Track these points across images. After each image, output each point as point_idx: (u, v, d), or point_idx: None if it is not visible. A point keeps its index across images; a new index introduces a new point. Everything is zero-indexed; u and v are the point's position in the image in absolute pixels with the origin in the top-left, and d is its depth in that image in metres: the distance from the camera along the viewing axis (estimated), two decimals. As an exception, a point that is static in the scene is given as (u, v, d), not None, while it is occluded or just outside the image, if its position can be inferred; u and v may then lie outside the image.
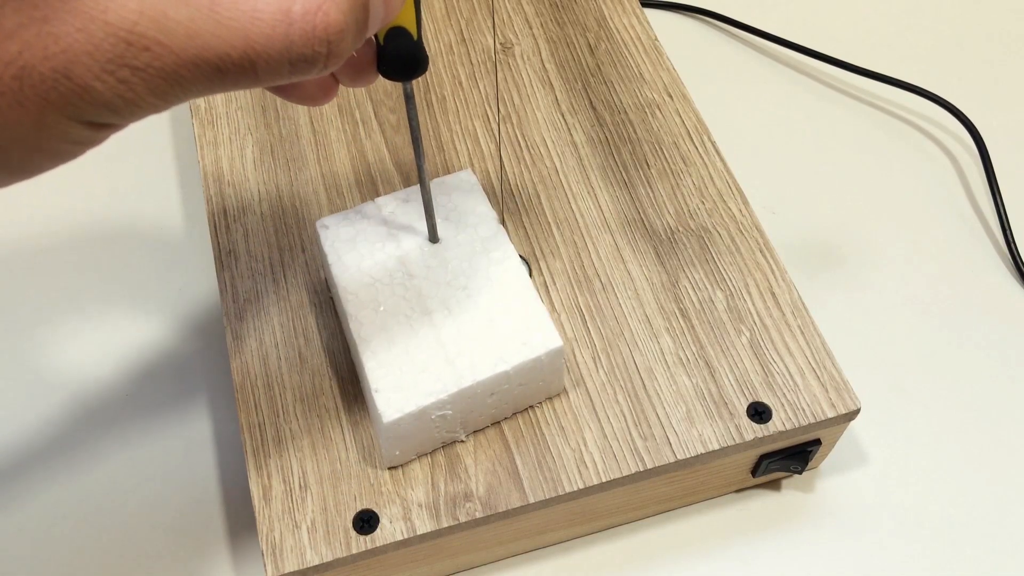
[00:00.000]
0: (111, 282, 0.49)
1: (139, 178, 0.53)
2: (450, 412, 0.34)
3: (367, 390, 0.35)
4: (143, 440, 0.43)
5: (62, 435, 0.44)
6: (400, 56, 0.29)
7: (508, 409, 0.36)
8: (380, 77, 0.30)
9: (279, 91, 0.30)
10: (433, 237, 0.37)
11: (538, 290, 0.40)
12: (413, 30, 0.29)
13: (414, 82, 0.40)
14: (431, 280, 0.36)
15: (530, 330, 0.35)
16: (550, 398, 0.37)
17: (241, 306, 0.40)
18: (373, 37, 0.29)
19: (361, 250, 0.37)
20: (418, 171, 0.35)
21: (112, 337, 0.46)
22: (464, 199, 0.39)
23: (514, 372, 0.34)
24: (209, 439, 0.43)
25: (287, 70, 0.23)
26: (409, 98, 0.32)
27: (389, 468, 0.36)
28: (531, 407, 0.37)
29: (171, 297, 0.48)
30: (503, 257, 0.37)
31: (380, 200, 0.39)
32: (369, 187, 0.44)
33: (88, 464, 0.43)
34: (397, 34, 0.29)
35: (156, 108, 0.23)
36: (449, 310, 0.36)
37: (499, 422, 0.37)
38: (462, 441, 0.36)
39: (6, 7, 0.20)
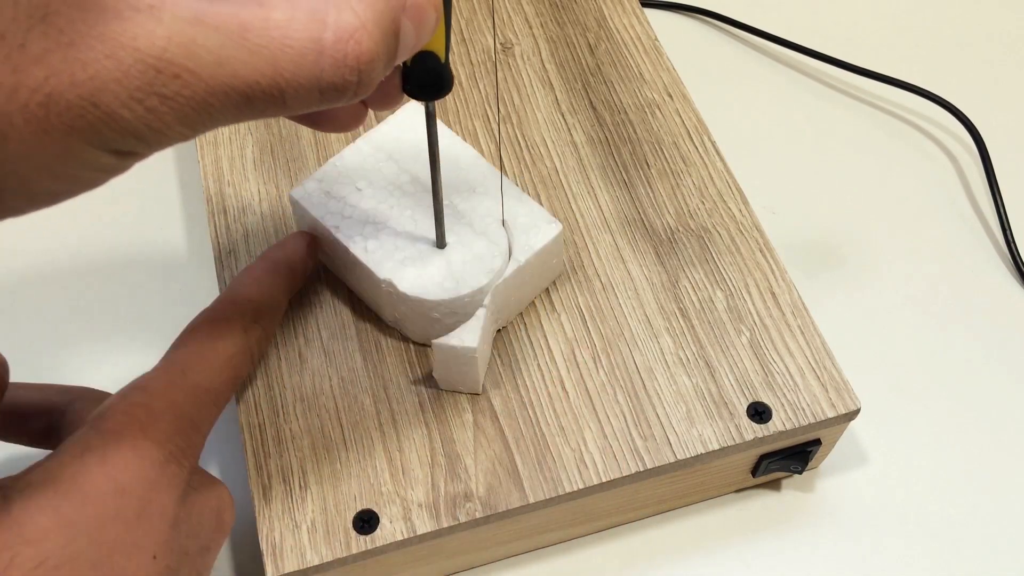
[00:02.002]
0: (110, 282, 0.49)
1: (139, 178, 0.53)
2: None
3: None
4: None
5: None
6: (426, 77, 0.29)
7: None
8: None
9: (307, 120, 0.29)
10: (441, 244, 0.37)
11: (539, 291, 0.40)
12: (441, 53, 0.28)
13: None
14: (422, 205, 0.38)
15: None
16: (566, 388, 0.37)
17: (241, 306, 0.40)
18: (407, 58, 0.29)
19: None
20: (432, 183, 0.35)
21: (110, 335, 0.46)
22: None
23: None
24: (209, 439, 0.43)
25: (316, 98, 0.23)
26: (431, 116, 0.32)
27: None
28: (532, 407, 0.37)
29: (171, 297, 0.48)
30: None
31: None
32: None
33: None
34: (424, 57, 0.28)
35: (183, 136, 0.22)
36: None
37: (502, 431, 0.37)
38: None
39: (32, 31, 0.20)
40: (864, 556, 0.40)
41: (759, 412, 0.37)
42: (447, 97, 0.47)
